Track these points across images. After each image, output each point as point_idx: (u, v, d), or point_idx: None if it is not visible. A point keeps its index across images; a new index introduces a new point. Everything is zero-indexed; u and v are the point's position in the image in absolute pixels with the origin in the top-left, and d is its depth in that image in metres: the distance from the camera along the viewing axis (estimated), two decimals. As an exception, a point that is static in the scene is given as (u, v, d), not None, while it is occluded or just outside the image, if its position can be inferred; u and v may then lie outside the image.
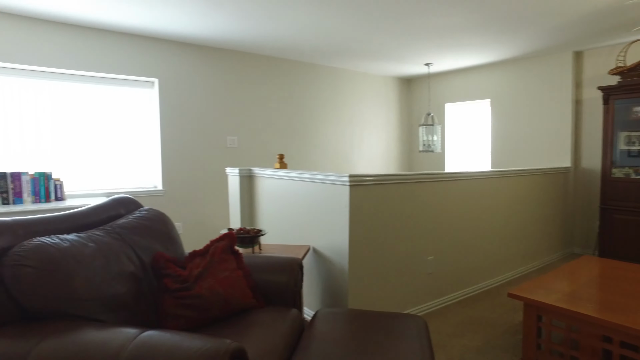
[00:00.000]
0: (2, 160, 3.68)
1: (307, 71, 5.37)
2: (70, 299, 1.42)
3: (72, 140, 3.99)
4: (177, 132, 4.40)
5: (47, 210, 3.34)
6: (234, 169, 3.54)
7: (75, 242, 1.54)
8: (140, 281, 1.72)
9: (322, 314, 1.98)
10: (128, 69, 4.11)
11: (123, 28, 3.91)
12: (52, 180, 3.58)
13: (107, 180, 4.17)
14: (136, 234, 1.85)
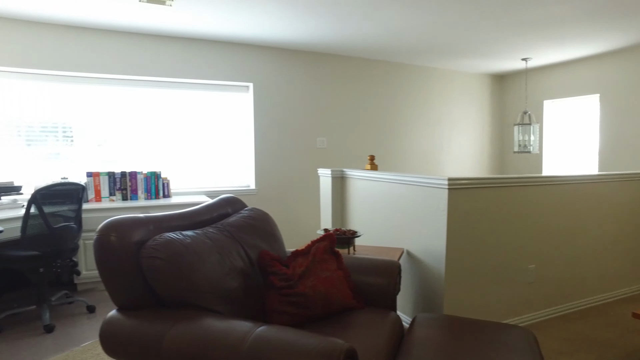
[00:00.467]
0: (122, 162, 4.12)
1: (395, 71, 5.31)
2: (192, 290, 1.55)
3: (176, 143, 4.34)
4: (269, 134, 4.60)
5: (157, 206, 3.68)
6: (326, 170, 3.61)
7: (195, 238, 1.68)
8: (249, 277, 1.83)
9: (422, 320, 1.95)
10: (226, 75, 4.38)
11: (222, 37, 4.18)
12: (161, 179, 3.94)
13: (206, 180, 4.48)
14: (244, 232, 1.97)
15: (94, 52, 3.89)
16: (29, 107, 3.84)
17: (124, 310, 1.55)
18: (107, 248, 1.53)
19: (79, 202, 3.05)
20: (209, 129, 4.47)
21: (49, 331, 2.83)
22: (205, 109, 4.44)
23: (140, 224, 1.64)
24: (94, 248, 1.54)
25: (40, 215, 2.76)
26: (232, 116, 4.56)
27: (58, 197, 2.88)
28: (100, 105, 4.05)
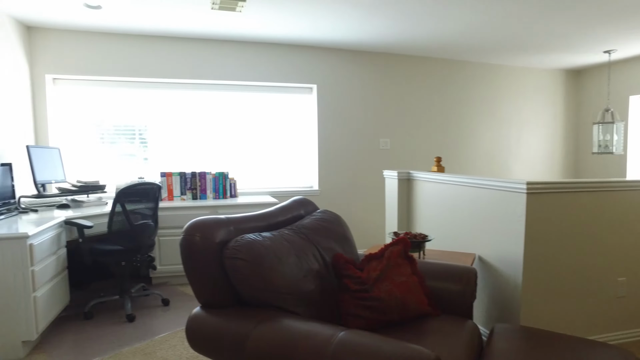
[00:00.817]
0: (192, 162, 4.31)
1: (460, 69, 5.13)
2: (272, 291, 1.57)
3: (243, 144, 4.47)
4: (332, 135, 4.61)
5: (225, 205, 3.81)
6: (392, 172, 3.56)
7: (274, 240, 1.71)
8: (324, 279, 1.83)
9: (501, 331, 1.85)
10: (290, 77, 4.44)
11: (287, 40, 4.24)
12: (228, 180, 4.07)
13: (270, 180, 4.58)
14: (318, 235, 1.98)
15: (168, 59, 4.10)
16: (108, 112, 4.13)
17: (208, 308, 1.61)
18: (192, 247, 1.59)
19: (156, 200, 3.22)
20: (273, 131, 4.56)
21: (131, 320, 3.02)
22: (270, 111, 4.54)
23: (222, 224, 1.69)
24: (181, 247, 1.61)
25: (124, 213, 2.95)
26: (296, 118, 4.62)
27: (137, 196, 3.06)
28: (172, 109, 4.27)
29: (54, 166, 3.54)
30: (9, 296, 2.44)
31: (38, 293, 2.54)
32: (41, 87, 3.87)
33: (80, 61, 3.92)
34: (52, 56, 3.87)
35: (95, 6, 3.30)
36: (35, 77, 3.85)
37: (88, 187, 3.51)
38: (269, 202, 3.91)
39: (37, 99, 3.87)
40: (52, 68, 3.87)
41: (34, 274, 2.50)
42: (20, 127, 3.59)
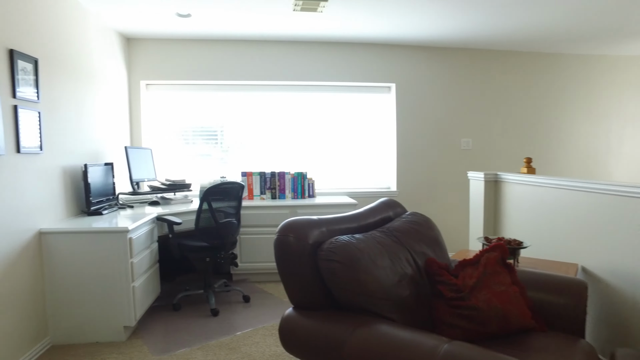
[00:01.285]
0: (270, 162, 4.40)
1: (551, 63, 4.74)
2: (367, 295, 1.52)
3: (320, 144, 4.48)
4: (411, 135, 4.47)
5: (303, 205, 3.82)
6: (478, 174, 3.36)
7: (368, 242, 1.65)
8: (418, 285, 1.74)
9: (625, 357, 1.64)
10: (369, 76, 4.37)
11: (366, 39, 4.18)
12: (306, 180, 4.09)
13: (347, 180, 4.54)
14: (410, 238, 1.89)
15: (250, 62, 4.22)
16: (191, 114, 4.33)
17: (301, 310, 1.59)
18: (286, 248, 1.58)
19: (239, 199, 3.31)
20: (351, 131, 4.52)
21: (215, 315, 3.12)
22: (348, 110, 4.50)
23: (315, 225, 1.67)
24: (275, 247, 1.61)
25: (210, 211, 3.06)
26: (374, 117, 4.55)
27: (222, 195, 3.16)
28: (251, 110, 4.38)
29: (146, 165, 3.78)
30: (113, 285, 2.62)
31: (136, 283, 2.70)
32: (136, 92, 4.16)
33: (169, 67, 4.16)
34: (146, 63, 4.14)
35: (185, 15, 3.47)
36: (132, 83, 4.15)
37: (176, 186, 3.70)
38: (347, 202, 3.87)
39: (133, 104, 4.17)
40: (145, 74, 4.15)
41: (133, 265, 2.66)
42: (119, 129, 3.88)
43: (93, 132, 3.34)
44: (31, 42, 2.54)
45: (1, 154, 2.25)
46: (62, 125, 2.87)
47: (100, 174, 3.16)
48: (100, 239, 2.59)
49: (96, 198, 3.06)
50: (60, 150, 2.83)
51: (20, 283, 2.40)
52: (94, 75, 3.36)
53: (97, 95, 3.43)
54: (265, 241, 3.81)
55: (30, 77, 2.52)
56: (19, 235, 2.39)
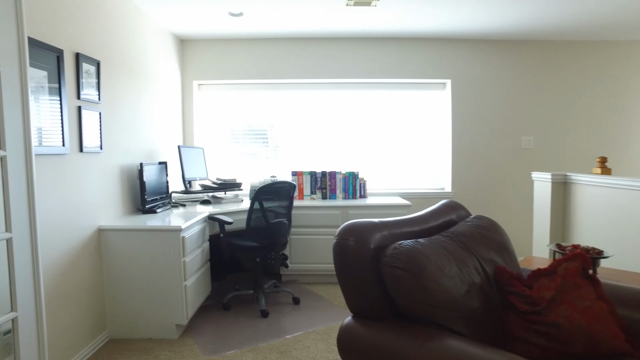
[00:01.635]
0: (321, 162, 4.32)
1: (624, 51, 4.34)
2: (434, 305, 1.39)
3: (371, 143, 4.35)
4: (468, 133, 4.25)
5: (355, 206, 3.71)
6: (543, 174, 3.11)
7: (433, 248, 1.52)
8: (488, 296, 1.59)
9: None
10: (422, 73, 4.20)
11: (420, 33, 4.00)
12: (358, 180, 3.98)
13: (398, 181, 4.39)
14: (477, 243, 1.74)
15: (300, 60, 4.17)
16: (241, 113, 4.34)
17: (361, 319, 1.49)
18: (346, 252, 1.49)
19: (291, 199, 3.25)
20: (403, 129, 4.36)
21: (265, 316, 3.08)
22: (399, 108, 4.35)
23: (376, 228, 1.56)
24: (334, 251, 1.52)
25: (261, 210, 3.03)
26: (427, 115, 4.36)
27: (273, 194, 3.11)
28: (301, 108, 4.33)
29: (198, 164, 3.81)
30: (166, 283, 2.64)
31: (188, 282, 2.71)
32: (189, 92, 4.22)
33: (220, 67, 4.19)
34: (199, 64, 4.19)
35: (237, 14, 3.47)
36: (185, 83, 4.22)
37: (227, 185, 3.71)
38: (400, 203, 3.72)
39: (186, 103, 4.24)
40: (198, 75, 4.20)
41: (185, 264, 2.67)
42: (173, 129, 3.95)
43: (148, 131, 3.41)
44: (94, 45, 2.60)
45: (66, 154, 2.32)
46: (119, 125, 2.94)
47: (155, 173, 3.22)
48: (154, 237, 2.62)
49: (151, 196, 3.11)
50: (118, 150, 2.90)
51: (82, 278, 2.46)
52: (149, 76, 3.43)
53: (153, 96, 3.50)
54: (315, 242, 3.74)
55: (92, 78, 2.59)
56: (81, 232, 2.45)
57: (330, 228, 3.72)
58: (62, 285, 2.29)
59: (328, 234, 3.73)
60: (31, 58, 2.05)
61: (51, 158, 2.20)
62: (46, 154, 2.16)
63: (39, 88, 2.12)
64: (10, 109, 1.77)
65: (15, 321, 1.80)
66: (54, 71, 2.24)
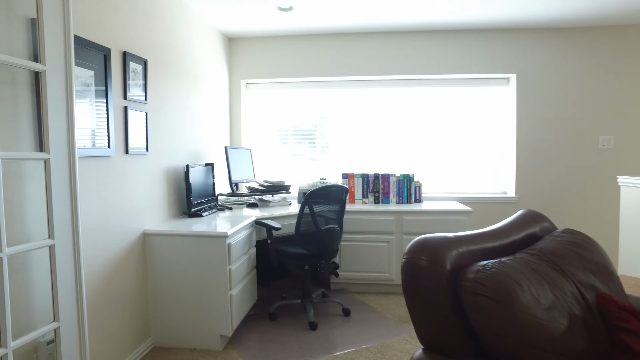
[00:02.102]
0: (372, 163, 4.08)
1: None
2: (528, 344, 1.13)
3: (426, 143, 4.06)
4: (535, 132, 3.85)
5: (409, 211, 3.44)
6: (634, 179, 2.71)
7: (522, 270, 1.25)
8: (592, 331, 1.30)
9: None
10: (483, 67, 3.85)
11: (482, 24, 3.66)
12: (413, 183, 3.70)
13: (455, 184, 4.06)
14: (571, 264, 1.44)
15: (351, 56, 3.95)
16: (289, 113, 4.18)
17: (435, 355, 1.24)
18: (418, 274, 1.25)
19: (343, 204, 3.04)
20: (460, 128, 4.04)
21: (313, 328, 2.89)
22: (457, 106, 4.03)
23: (452, 244, 1.31)
24: (403, 273, 1.29)
25: (311, 215, 2.84)
26: (487, 113, 4.01)
27: (322, 198, 2.91)
28: (352, 108, 4.11)
29: (245, 166, 3.69)
30: (211, 292, 2.51)
31: (234, 291, 2.57)
32: (237, 91, 4.12)
33: (269, 65, 4.05)
34: (246, 62, 4.08)
35: (287, 8, 3.30)
36: (232, 83, 4.12)
37: (275, 187, 3.56)
38: (460, 209, 3.41)
39: (233, 103, 4.14)
40: (246, 73, 4.09)
41: (231, 272, 2.52)
42: (219, 129, 3.86)
43: (195, 132, 3.32)
44: (141, 43, 2.52)
45: (111, 156, 2.23)
46: (166, 125, 2.85)
47: (201, 175, 3.11)
48: (200, 243, 2.49)
49: (197, 199, 3.01)
50: (164, 151, 2.81)
51: (126, 283, 2.38)
52: (197, 76, 3.34)
53: (200, 95, 3.41)
54: (367, 249, 3.50)
55: (139, 78, 2.50)
56: (125, 236, 2.36)
57: (383, 235, 3.48)
58: (105, 291, 2.20)
59: (381, 240, 3.48)
60: (77, 57, 1.97)
61: (96, 160, 2.12)
62: (91, 156, 2.07)
63: (84, 88, 2.04)
64: (54, 110, 1.68)
65: (58, 331, 1.71)
66: (100, 70, 2.15)
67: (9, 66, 1.60)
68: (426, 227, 3.43)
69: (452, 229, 3.41)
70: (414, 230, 3.44)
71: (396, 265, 3.50)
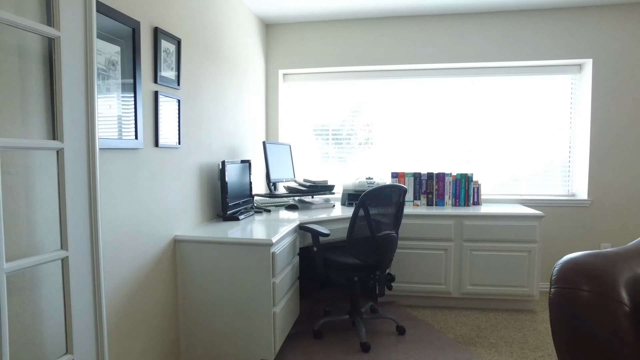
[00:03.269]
0: (424, 162, 3.67)
1: None
2: None
3: (484, 140, 3.62)
4: (613, 126, 3.36)
5: (470, 215, 3.02)
6: None
7: None
8: None
9: None
10: (553, 53, 3.38)
11: (550, 3, 3.20)
12: (471, 183, 3.27)
13: (517, 184, 3.60)
14: None
15: (398, 42, 3.55)
16: (328, 106, 3.80)
17: None
18: (578, 311, 0.85)
19: (399, 207, 2.64)
20: (522, 123, 3.58)
21: (366, 350, 2.50)
22: (519, 98, 3.57)
23: (618, 266, 0.91)
24: (553, 307, 0.89)
25: (366, 219, 2.45)
26: (554, 105, 3.54)
27: (377, 200, 2.52)
28: (398, 99, 3.70)
29: (284, 164, 3.34)
30: (251, 309, 2.15)
31: (277, 308, 2.20)
32: (274, 82, 3.77)
33: (308, 54, 3.69)
34: (285, 51, 3.73)
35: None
36: (269, 73, 3.77)
37: (317, 187, 3.19)
38: (528, 213, 2.97)
39: (270, 95, 3.79)
40: (283, 63, 3.74)
41: (275, 287, 2.16)
42: (256, 123, 3.51)
43: (230, 125, 2.98)
44: (174, 20, 2.19)
45: (139, 148, 1.90)
46: (201, 116, 2.51)
47: (237, 173, 2.77)
48: (239, 251, 2.13)
49: (233, 200, 2.67)
50: (197, 145, 2.47)
51: (154, 300, 2.04)
52: (234, 62, 3.00)
53: (237, 84, 3.07)
54: (421, 257, 3.09)
55: (172, 59, 2.17)
56: (154, 243, 2.03)
57: (440, 241, 3.06)
58: (129, 309, 1.87)
59: (437, 248, 3.07)
60: (100, 29, 1.64)
61: (121, 153, 1.79)
62: (115, 148, 1.74)
63: (109, 67, 1.71)
64: (70, 87, 1.34)
65: (71, 367, 1.38)
66: (128, 47, 1.83)
67: (14, 31, 1.27)
68: (491, 234, 2.99)
69: (522, 236, 2.97)
70: (476, 237, 3.01)
71: (454, 276, 3.07)
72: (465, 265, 3.05)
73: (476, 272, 3.04)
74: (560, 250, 3.48)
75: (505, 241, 3.00)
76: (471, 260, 3.04)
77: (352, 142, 3.79)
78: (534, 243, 2.98)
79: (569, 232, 3.45)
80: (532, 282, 3.00)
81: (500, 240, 3.00)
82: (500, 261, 3.01)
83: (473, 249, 3.03)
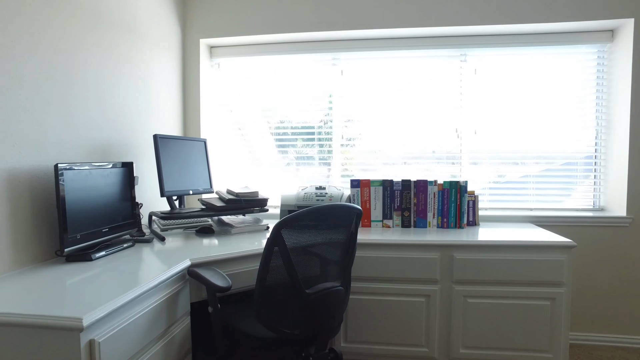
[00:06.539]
0: (397, 167, 2.68)
1: None
2: None
3: (483, 139, 2.65)
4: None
5: (464, 245, 2.02)
6: None
7: None
8: None
9: None
10: (577, 12, 2.42)
11: None
12: (465, 195, 2.28)
13: (525, 194, 2.64)
14: None
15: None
16: (260, 90, 2.81)
17: None
18: None
19: (350, 237, 1.63)
20: (530, 112, 2.62)
21: None
22: (526, 77, 2.61)
23: None
24: None
25: (285, 267, 1.43)
26: (573, 87, 2.58)
27: (313, 229, 1.51)
28: (358, 80, 2.72)
29: (195, 168, 2.32)
30: None
31: None
32: (194, 56, 2.76)
33: (241, 15, 2.68)
34: (208, 12, 2.72)
35: None
36: (187, 44, 2.76)
37: (241, 202, 2.18)
38: (551, 241, 1.99)
39: (189, 76, 2.78)
40: (207, 30, 2.73)
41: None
42: (160, 112, 2.49)
43: (103, 111, 1.95)
44: None
45: None
46: (29, 85, 1.48)
47: (101, 184, 1.74)
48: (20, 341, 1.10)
49: (86, 228, 1.64)
50: (14, 137, 1.45)
51: None
52: (113, 21, 1.98)
53: (119, 53, 2.05)
54: (392, 307, 2.09)
55: None
56: None
57: (419, 284, 2.06)
58: None
59: (415, 293, 2.07)
60: None
61: None
62: None
63: None
64: None
65: None
66: None
67: None
68: (495, 272, 2.00)
69: (542, 276, 1.98)
70: (473, 277, 2.02)
71: (440, 335, 2.08)
72: (456, 318, 2.05)
73: (472, 329, 2.05)
74: (586, 292, 2.51)
75: (516, 284, 2.01)
76: (465, 311, 2.04)
77: (308, 140, 2.79)
78: (560, 286, 2.00)
79: (599, 265, 2.49)
80: (558, 345, 2.01)
81: (510, 283, 2.01)
82: (509, 313, 2.02)
83: (468, 295, 2.03)
